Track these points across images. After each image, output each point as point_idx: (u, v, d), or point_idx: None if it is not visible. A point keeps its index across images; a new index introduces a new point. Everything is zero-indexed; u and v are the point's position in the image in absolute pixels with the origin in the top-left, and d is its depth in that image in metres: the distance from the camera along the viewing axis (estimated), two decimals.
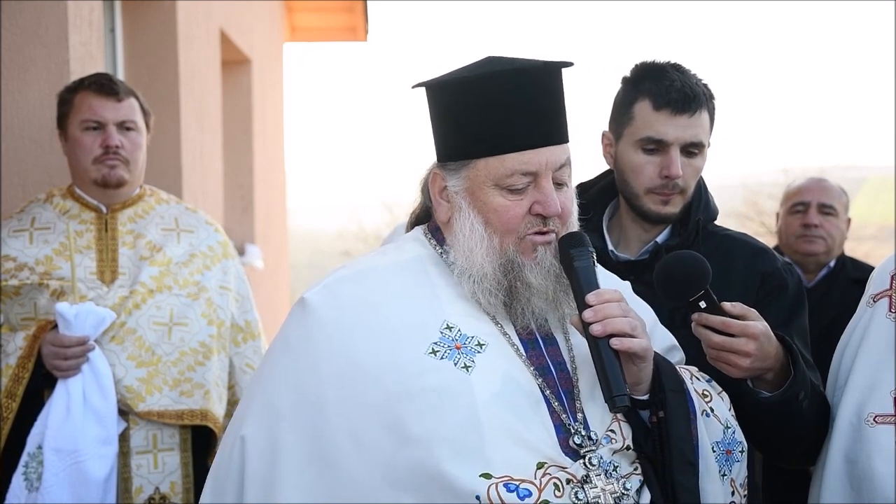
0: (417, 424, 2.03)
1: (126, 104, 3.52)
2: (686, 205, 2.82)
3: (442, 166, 2.22)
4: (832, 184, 4.83)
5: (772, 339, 2.36)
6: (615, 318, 2.09)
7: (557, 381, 2.17)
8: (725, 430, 2.27)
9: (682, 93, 2.72)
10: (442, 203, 2.24)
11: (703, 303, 2.32)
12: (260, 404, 2.17)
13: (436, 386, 2.06)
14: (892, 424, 2.28)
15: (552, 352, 2.22)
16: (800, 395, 2.41)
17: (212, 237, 3.72)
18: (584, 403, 2.16)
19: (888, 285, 2.42)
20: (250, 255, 7.91)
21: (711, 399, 2.30)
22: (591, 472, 2.07)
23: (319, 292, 2.21)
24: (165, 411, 3.42)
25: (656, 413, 2.16)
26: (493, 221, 2.16)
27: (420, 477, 2.01)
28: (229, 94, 7.77)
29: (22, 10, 3.95)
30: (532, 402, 2.11)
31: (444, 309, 2.17)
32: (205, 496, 2.23)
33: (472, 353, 2.11)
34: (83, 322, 3.28)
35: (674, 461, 2.13)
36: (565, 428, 2.11)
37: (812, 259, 4.66)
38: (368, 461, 2.04)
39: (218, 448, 2.27)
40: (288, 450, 2.10)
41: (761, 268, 2.76)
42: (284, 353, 2.20)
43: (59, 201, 3.56)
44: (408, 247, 2.30)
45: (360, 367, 2.10)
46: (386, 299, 2.17)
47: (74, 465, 3.21)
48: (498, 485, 2.00)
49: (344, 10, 10.29)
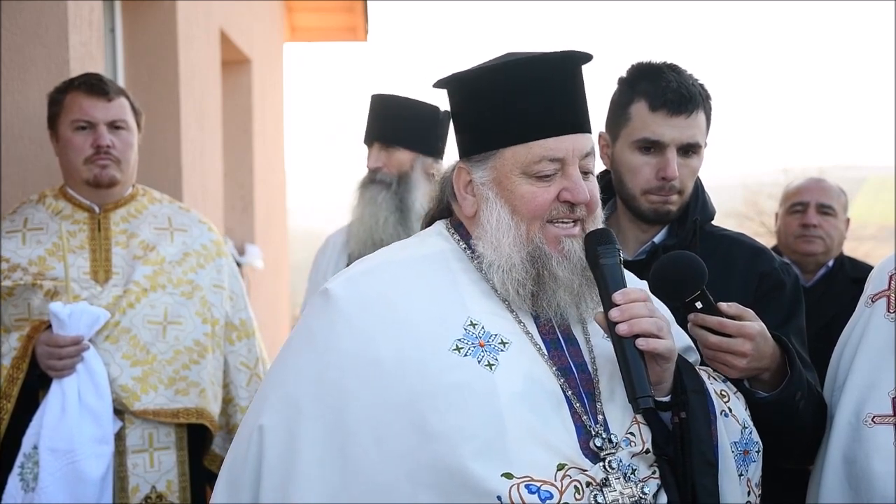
0: (441, 421, 2.01)
1: (116, 104, 3.51)
2: (683, 205, 2.82)
3: (466, 160, 2.22)
4: (831, 184, 4.84)
5: (768, 339, 2.37)
6: (642, 318, 2.08)
7: (579, 381, 2.16)
8: (743, 430, 2.27)
9: (679, 94, 2.72)
10: (467, 197, 2.23)
11: (700, 303, 2.32)
12: (280, 395, 2.15)
13: (460, 383, 2.04)
14: (890, 425, 2.29)
15: (573, 352, 2.21)
16: (796, 395, 2.41)
17: (205, 236, 3.71)
18: (605, 405, 2.15)
19: (887, 285, 2.42)
20: (250, 255, 7.91)
21: (729, 399, 2.29)
22: (610, 475, 2.06)
23: (342, 284, 2.19)
24: (161, 410, 3.41)
25: (678, 414, 2.15)
26: (520, 209, 2.15)
27: (441, 474, 2.00)
28: (229, 94, 7.77)
29: (22, 10, 3.95)
30: (554, 402, 2.10)
31: (467, 305, 2.15)
32: (219, 484, 2.20)
33: (496, 351, 2.10)
34: (77, 322, 3.27)
35: (695, 462, 2.12)
36: (586, 430, 2.10)
37: (811, 259, 4.66)
38: (389, 457, 2.03)
39: (234, 437, 2.24)
40: (307, 443, 2.08)
41: (759, 268, 2.76)
42: (306, 344, 2.18)
43: (51, 202, 3.55)
44: (430, 241, 2.29)
45: (383, 362, 2.08)
46: (409, 293, 2.16)
47: (70, 464, 3.20)
48: (520, 485, 1.99)
49: (344, 10, 10.29)
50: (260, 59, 8.40)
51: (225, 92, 7.41)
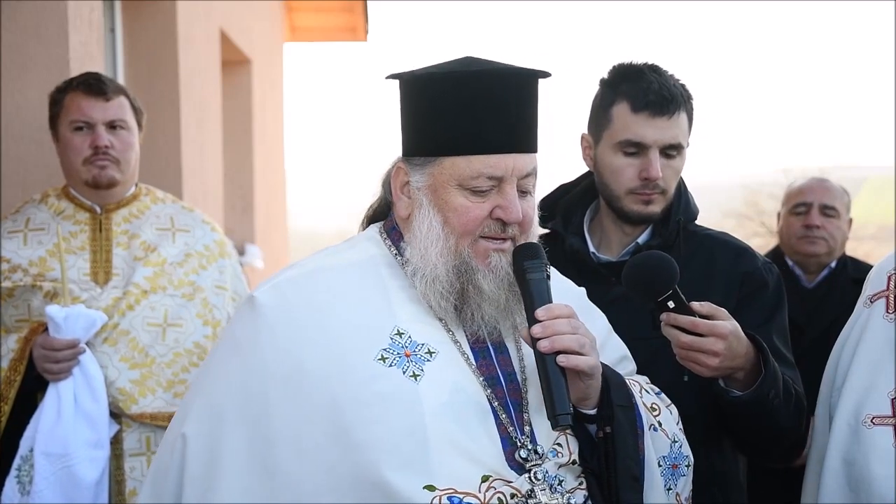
0: (362, 432, 2.01)
1: (115, 103, 3.49)
2: (667, 206, 2.83)
3: (407, 161, 2.20)
4: (834, 184, 4.82)
5: (741, 338, 2.37)
6: (563, 335, 2.06)
7: (506, 392, 2.15)
8: (672, 445, 2.26)
9: (660, 95, 2.73)
10: (403, 198, 2.21)
11: (672, 303, 2.32)
12: (204, 403, 2.14)
13: (382, 394, 2.04)
14: (889, 426, 2.28)
15: (503, 361, 2.20)
16: (770, 394, 2.42)
17: (208, 236, 3.68)
18: (532, 416, 2.14)
19: (885, 286, 2.42)
20: (250, 255, 7.90)
21: (660, 413, 2.28)
22: (535, 487, 2.05)
23: (268, 292, 2.17)
24: (158, 413, 3.38)
25: (603, 428, 2.13)
26: (452, 221, 2.13)
27: (363, 485, 1.99)
28: (229, 94, 7.76)
29: (22, 10, 3.95)
30: (479, 413, 2.09)
31: (395, 314, 2.14)
32: (144, 490, 2.20)
33: (422, 361, 2.09)
34: (73, 325, 3.25)
35: (619, 477, 2.11)
36: (511, 441, 2.09)
37: (813, 260, 4.66)
38: (311, 467, 2.02)
39: (160, 442, 2.24)
40: (229, 453, 2.07)
41: (742, 268, 2.77)
42: (231, 352, 2.17)
43: (53, 202, 3.54)
44: (361, 246, 2.27)
45: (307, 371, 2.07)
46: (336, 301, 2.14)
47: (65, 468, 3.19)
48: (442, 497, 1.98)
49: (344, 10, 10.30)
50: (260, 59, 8.40)
51: (225, 92, 7.40)
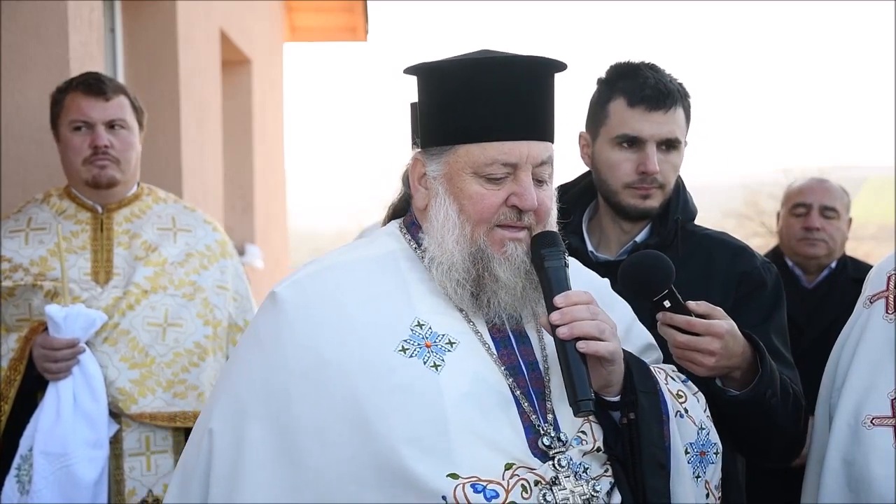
0: (384, 422, 2.02)
1: (115, 103, 3.49)
2: (665, 202, 2.83)
3: (424, 152, 2.22)
4: (834, 184, 4.81)
5: (738, 337, 2.37)
6: (582, 321, 2.07)
7: (528, 380, 2.16)
8: (700, 432, 2.26)
9: (656, 90, 2.75)
10: (420, 189, 2.23)
11: (668, 302, 2.32)
12: (228, 398, 2.17)
13: (403, 384, 2.05)
14: (889, 427, 2.28)
15: (524, 350, 2.21)
16: (767, 393, 2.42)
17: (209, 236, 3.68)
18: (555, 404, 2.15)
19: (885, 286, 2.42)
20: (250, 255, 7.91)
21: (686, 400, 2.28)
22: (560, 474, 2.06)
23: (289, 287, 2.20)
24: (158, 413, 3.39)
25: (627, 415, 2.14)
26: (467, 209, 2.14)
27: (385, 475, 2.01)
28: (229, 94, 7.77)
29: (22, 10, 3.95)
30: (501, 402, 2.10)
31: (414, 305, 2.16)
32: (172, 486, 2.23)
33: (443, 351, 2.11)
34: (73, 324, 3.25)
35: (644, 463, 2.11)
36: (534, 429, 2.10)
37: (813, 261, 4.65)
38: (334, 458, 2.04)
39: (189, 437, 2.27)
40: (253, 446, 2.10)
41: (740, 267, 2.77)
42: (254, 348, 2.20)
43: (55, 201, 3.54)
44: (381, 241, 2.29)
45: (328, 364, 2.09)
46: (356, 295, 2.16)
47: (63, 468, 3.19)
48: (465, 485, 1.99)
49: (344, 10, 10.30)
50: (260, 59, 8.40)
51: (225, 92, 7.41)
